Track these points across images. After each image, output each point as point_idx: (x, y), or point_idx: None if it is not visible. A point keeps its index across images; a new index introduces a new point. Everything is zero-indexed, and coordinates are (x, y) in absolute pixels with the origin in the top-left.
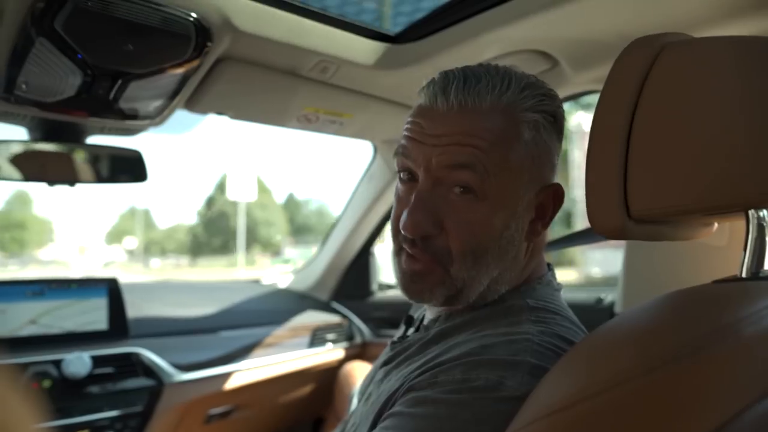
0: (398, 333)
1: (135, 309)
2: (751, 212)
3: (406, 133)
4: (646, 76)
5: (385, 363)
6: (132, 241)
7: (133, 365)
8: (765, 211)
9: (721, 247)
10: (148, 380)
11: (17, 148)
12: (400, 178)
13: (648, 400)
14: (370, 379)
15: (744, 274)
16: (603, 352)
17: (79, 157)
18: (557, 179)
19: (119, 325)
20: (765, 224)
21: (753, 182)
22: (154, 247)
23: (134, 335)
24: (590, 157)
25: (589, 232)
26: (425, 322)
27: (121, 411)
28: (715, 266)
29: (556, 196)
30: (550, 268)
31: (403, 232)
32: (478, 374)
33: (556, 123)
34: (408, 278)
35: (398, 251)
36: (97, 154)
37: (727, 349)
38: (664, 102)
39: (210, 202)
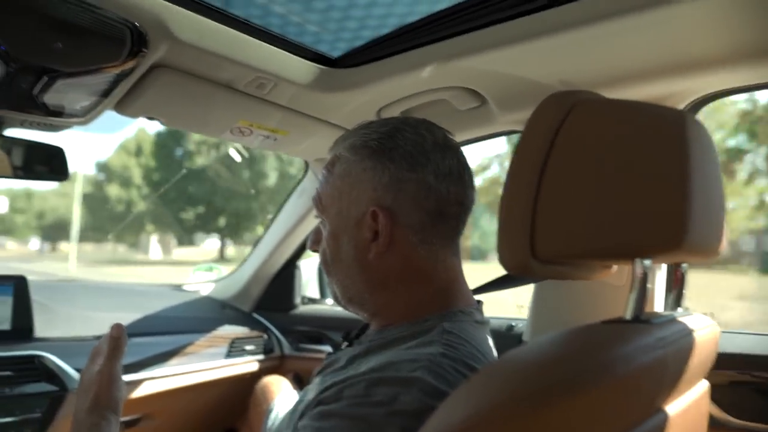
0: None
1: (44, 310)
2: (637, 261)
3: None
4: (559, 128)
5: (318, 374)
6: None
7: (35, 369)
8: (648, 261)
9: (621, 286)
10: (50, 385)
11: None
12: None
13: (529, 428)
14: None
15: (628, 317)
16: (495, 381)
17: None
18: None
19: (23, 325)
20: (647, 272)
21: (640, 237)
22: None
23: (39, 338)
24: (504, 198)
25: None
26: (362, 337)
27: (17, 417)
28: (615, 303)
29: (386, 217)
30: (479, 303)
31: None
32: (377, 390)
33: (367, 151)
34: None
35: None
36: (15, 147)
37: (605, 385)
38: (572, 153)
39: None
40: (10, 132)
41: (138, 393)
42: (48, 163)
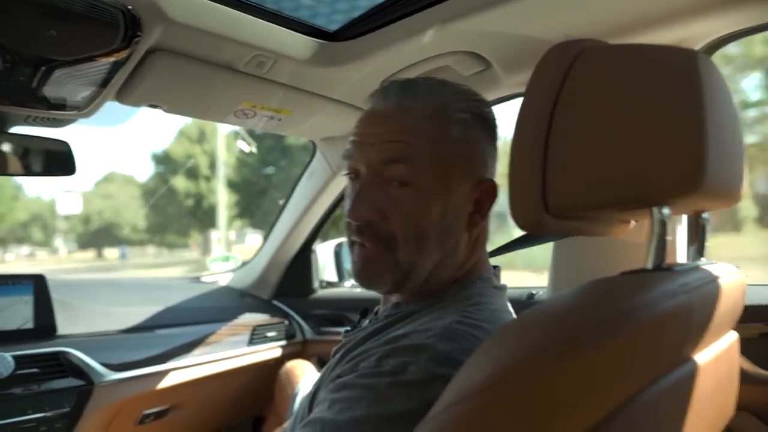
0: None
1: (65, 307)
2: (654, 210)
3: (351, 138)
4: (564, 78)
5: (335, 352)
6: None
7: (60, 365)
8: (666, 209)
9: (641, 244)
10: (76, 380)
11: None
12: (349, 177)
13: (548, 383)
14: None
15: (649, 266)
16: (515, 337)
17: (3, 148)
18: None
19: (46, 323)
20: (666, 220)
21: (656, 182)
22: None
23: (63, 334)
24: (513, 155)
25: (530, 236)
26: (378, 313)
27: (47, 413)
28: (636, 262)
29: (490, 190)
30: (495, 269)
31: (347, 219)
32: (388, 360)
33: (486, 124)
34: (359, 266)
35: (351, 244)
36: (22, 144)
37: (628, 333)
38: (580, 104)
39: None
40: (15, 130)
41: (165, 383)
42: (55, 159)
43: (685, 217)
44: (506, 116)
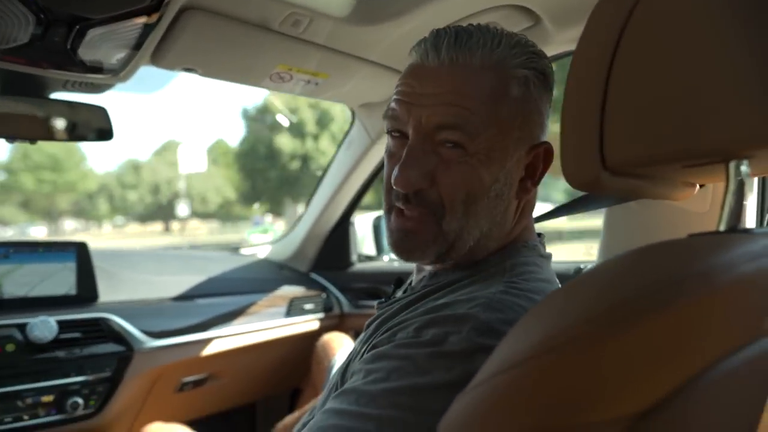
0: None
1: (107, 275)
2: (731, 164)
3: (396, 96)
4: (625, 22)
5: (369, 324)
6: None
7: (101, 331)
8: (745, 164)
9: (704, 213)
10: (116, 346)
11: None
12: (392, 135)
13: (597, 354)
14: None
15: (722, 229)
16: (565, 302)
17: (41, 113)
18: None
19: (88, 290)
20: (745, 177)
21: (734, 131)
22: None
23: (104, 301)
24: (566, 108)
25: (583, 200)
26: (413, 283)
27: (88, 377)
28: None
29: (546, 155)
30: (540, 236)
31: (395, 187)
32: (428, 330)
33: (546, 81)
34: (399, 236)
35: (389, 209)
36: (60, 109)
37: (700, 298)
38: (643, 48)
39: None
40: (55, 96)
41: (203, 352)
42: (94, 124)
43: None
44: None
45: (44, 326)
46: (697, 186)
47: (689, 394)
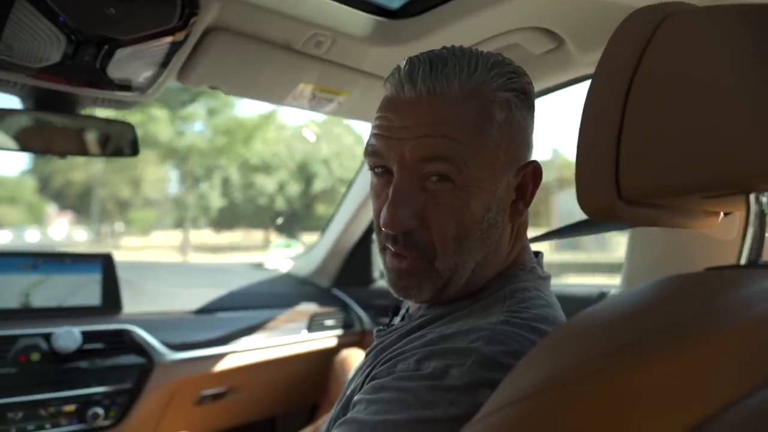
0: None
1: (131, 287)
2: (751, 196)
3: (374, 130)
4: (646, 45)
5: (369, 352)
6: None
7: (123, 342)
8: (766, 196)
9: (731, 241)
10: (138, 358)
11: (7, 117)
12: (375, 173)
13: (606, 393)
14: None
15: (742, 262)
16: (572, 337)
17: (71, 129)
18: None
19: (112, 301)
20: (766, 209)
21: (755, 163)
22: None
23: (128, 313)
24: (582, 133)
25: (584, 223)
26: (410, 311)
27: (109, 387)
28: (723, 261)
29: (534, 173)
30: (537, 256)
31: (384, 229)
32: (429, 363)
33: (527, 100)
34: (395, 275)
35: (383, 249)
36: (89, 126)
37: (715, 336)
38: (662, 75)
39: None
40: (84, 112)
41: (223, 366)
42: (121, 140)
43: None
44: (580, 100)
45: (69, 336)
46: (721, 214)
47: None
